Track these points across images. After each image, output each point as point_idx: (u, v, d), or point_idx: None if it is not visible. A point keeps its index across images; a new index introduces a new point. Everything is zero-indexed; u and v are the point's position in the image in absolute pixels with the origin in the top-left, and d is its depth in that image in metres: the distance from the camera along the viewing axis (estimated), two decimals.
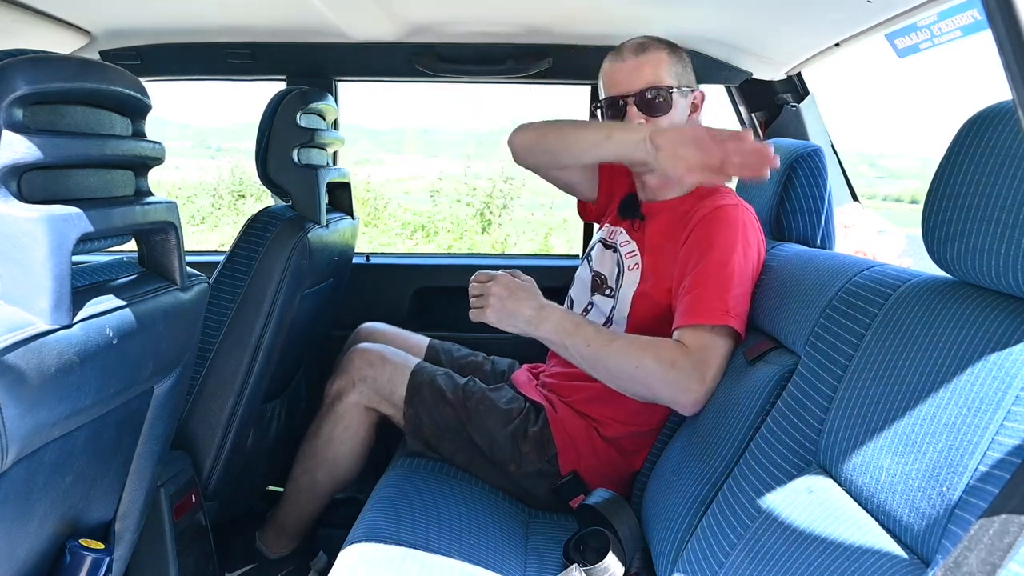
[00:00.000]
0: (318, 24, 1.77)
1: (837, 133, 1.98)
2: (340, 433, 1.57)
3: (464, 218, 8.37)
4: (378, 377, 1.55)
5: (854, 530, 0.81)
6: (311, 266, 1.58)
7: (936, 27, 1.29)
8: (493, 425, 1.49)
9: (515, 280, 1.41)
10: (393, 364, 1.56)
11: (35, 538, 0.86)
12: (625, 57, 1.44)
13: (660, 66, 1.43)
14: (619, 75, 1.44)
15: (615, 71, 1.45)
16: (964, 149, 0.81)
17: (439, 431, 1.52)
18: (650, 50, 1.44)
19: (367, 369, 1.55)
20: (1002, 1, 0.47)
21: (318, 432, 1.59)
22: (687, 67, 1.48)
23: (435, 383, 1.53)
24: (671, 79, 1.43)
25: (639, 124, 1.39)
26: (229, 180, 9.13)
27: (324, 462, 1.58)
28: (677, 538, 1.14)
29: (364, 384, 1.55)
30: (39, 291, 0.75)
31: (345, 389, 1.56)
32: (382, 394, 1.55)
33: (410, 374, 1.54)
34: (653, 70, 1.42)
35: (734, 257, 1.32)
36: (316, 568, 1.67)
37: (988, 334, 0.75)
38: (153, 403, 1.04)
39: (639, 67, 1.42)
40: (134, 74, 0.93)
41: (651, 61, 1.43)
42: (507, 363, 1.80)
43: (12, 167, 0.74)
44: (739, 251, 1.33)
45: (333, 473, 1.59)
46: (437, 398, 1.52)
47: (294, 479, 1.62)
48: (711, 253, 1.33)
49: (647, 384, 1.28)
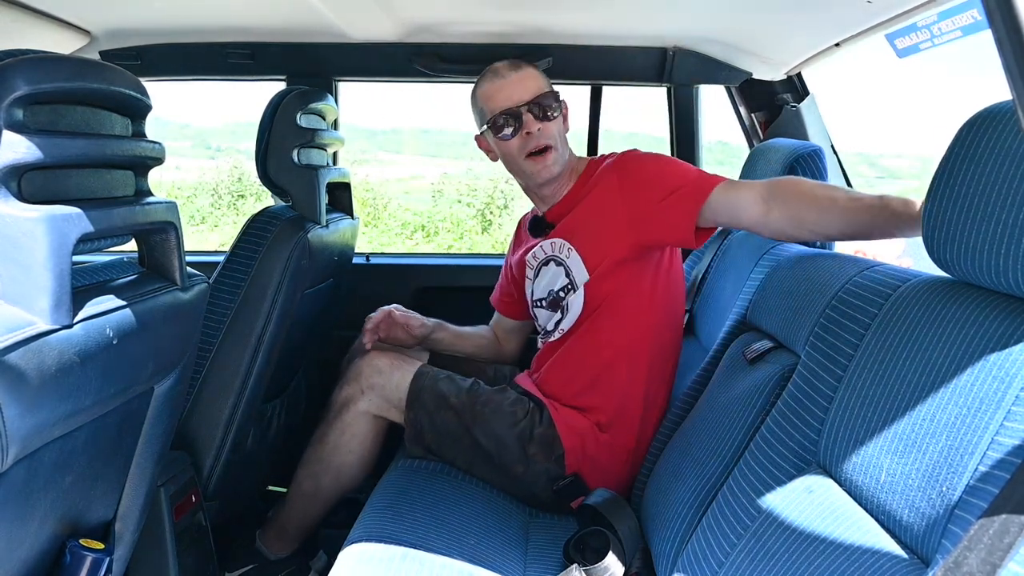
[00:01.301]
0: (318, 24, 1.77)
1: (837, 133, 1.98)
2: (347, 441, 1.57)
3: (464, 218, 8.37)
4: (386, 384, 1.55)
5: (854, 530, 0.81)
6: (311, 266, 1.58)
7: (936, 27, 1.29)
8: (500, 428, 1.48)
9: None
10: (401, 371, 1.56)
11: (35, 538, 0.86)
12: (505, 74, 1.53)
13: (539, 78, 1.54)
14: (506, 90, 1.52)
15: (498, 88, 1.53)
16: (964, 149, 0.81)
17: (440, 436, 1.51)
18: (524, 67, 1.55)
19: (376, 377, 1.55)
20: (1002, 1, 0.47)
21: (324, 439, 1.58)
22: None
23: (437, 388, 1.53)
24: (550, 89, 1.54)
25: None
26: (229, 180, 9.13)
27: (330, 469, 1.58)
28: (677, 538, 1.14)
29: (373, 392, 1.55)
30: (39, 291, 0.75)
31: (354, 397, 1.56)
32: (391, 401, 1.55)
33: (411, 379, 1.54)
34: (535, 81, 1.53)
35: (670, 159, 1.50)
36: (316, 568, 1.66)
37: (988, 334, 0.75)
38: (153, 403, 1.04)
39: (523, 80, 1.52)
40: (134, 74, 0.93)
41: (531, 75, 1.54)
42: (508, 368, 1.80)
43: (12, 167, 0.73)
44: (665, 157, 1.50)
45: (338, 479, 1.59)
46: (439, 403, 1.51)
47: (298, 483, 1.62)
48: (652, 168, 1.46)
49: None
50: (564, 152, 1.54)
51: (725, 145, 5.17)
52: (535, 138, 1.50)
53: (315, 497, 1.61)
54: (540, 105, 1.50)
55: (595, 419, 1.49)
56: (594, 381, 1.50)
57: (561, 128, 1.54)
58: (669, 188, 1.40)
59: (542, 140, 1.51)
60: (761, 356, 1.21)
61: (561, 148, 1.53)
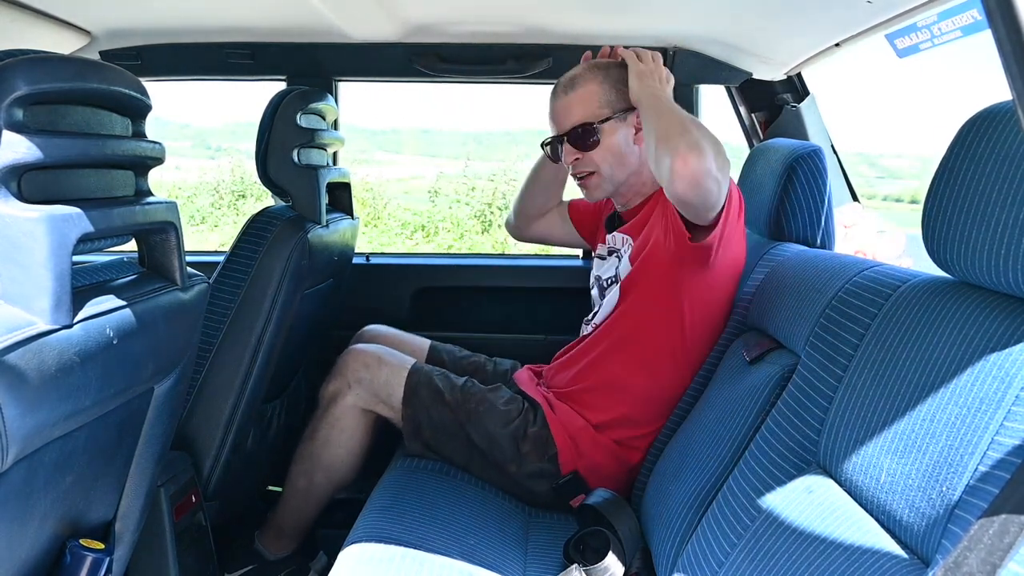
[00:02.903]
0: (318, 24, 1.77)
1: (837, 133, 1.98)
2: (337, 436, 1.57)
3: (464, 218, 8.36)
4: (374, 379, 1.54)
5: (854, 530, 0.81)
6: (311, 266, 1.58)
7: (936, 27, 1.29)
8: (492, 426, 1.49)
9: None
10: (390, 366, 1.56)
11: (35, 538, 0.86)
12: (559, 95, 1.53)
13: (589, 101, 1.49)
14: (555, 115, 1.54)
15: (553, 111, 1.55)
16: (964, 149, 0.81)
17: (437, 432, 1.52)
18: (578, 86, 1.50)
19: (363, 371, 1.55)
20: (1002, 1, 0.47)
21: (314, 435, 1.58)
22: (623, 91, 1.48)
23: (432, 383, 1.53)
24: (603, 109, 1.49)
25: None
26: (230, 180, 9.13)
27: (321, 465, 1.58)
28: (677, 538, 1.14)
29: (360, 386, 1.55)
30: (39, 291, 0.75)
31: (340, 391, 1.56)
32: (379, 396, 1.55)
33: (407, 375, 1.54)
34: (581, 108, 1.49)
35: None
36: (316, 568, 1.66)
37: (988, 334, 0.75)
38: (153, 403, 1.04)
39: (568, 107, 1.51)
40: (134, 74, 0.93)
41: (579, 98, 1.50)
42: (509, 364, 1.80)
43: (12, 167, 0.73)
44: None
45: (330, 475, 1.59)
46: (435, 399, 1.52)
47: (291, 481, 1.62)
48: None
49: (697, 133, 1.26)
50: (617, 175, 1.52)
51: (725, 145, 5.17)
52: (573, 166, 1.53)
53: (309, 494, 1.60)
54: (577, 135, 1.49)
55: (595, 420, 1.49)
56: (606, 386, 1.49)
57: (612, 152, 1.50)
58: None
59: (580, 168, 1.53)
60: (761, 356, 1.21)
61: (610, 172, 1.51)
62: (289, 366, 1.76)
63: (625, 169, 1.52)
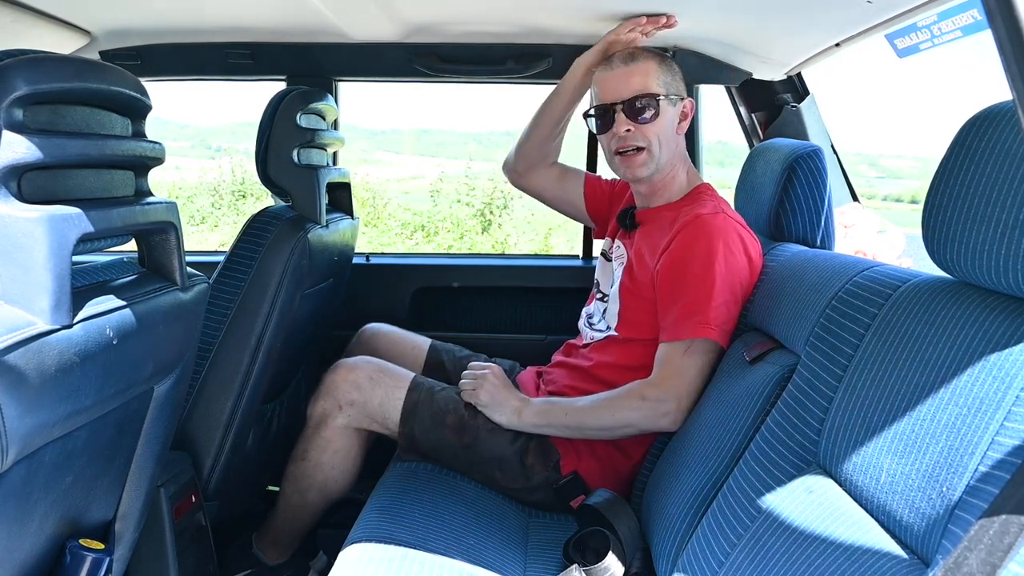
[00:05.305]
0: (318, 24, 1.76)
1: (837, 133, 1.98)
2: (329, 458, 1.52)
3: (464, 218, 8.36)
4: (368, 402, 1.49)
5: (854, 530, 0.81)
6: (311, 266, 1.58)
7: (936, 27, 1.29)
8: (499, 448, 1.47)
9: (505, 376, 1.53)
10: (384, 386, 1.50)
11: (35, 538, 0.86)
12: (615, 66, 1.49)
13: (649, 75, 1.47)
14: (610, 83, 1.49)
15: (606, 79, 1.50)
16: (964, 149, 0.81)
17: (436, 450, 1.50)
18: (639, 59, 1.48)
19: (355, 393, 1.49)
20: (1002, 1, 0.47)
21: (306, 456, 1.53)
22: (676, 76, 1.51)
23: (434, 403, 1.49)
24: (659, 87, 1.47)
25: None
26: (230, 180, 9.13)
27: (314, 485, 1.54)
28: (677, 538, 1.14)
29: (352, 408, 1.49)
30: (39, 291, 0.75)
31: (330, 413, 1.50)
32: (373, 417, 1.50)
33: (406, 392, 1.50)
34: (642, 78, 1.47)
35: (715, 266, 1.35)
36: (316, 568, 1.66)
37: (988, 334, 0.75)
38: (153, 403, 1.04)
39: (628, 75, 1.47)
40: (134, 74, 0.92)
41: (640, 70, 1.47)
42: (509, 364, 1.80)
43: (12, 167, 0.73)
44: (720, 259, 1.36)
45: (324, 493, 1.55)
46: (435, 420, 1.48)
47: (285, 497, 1.58)
48: (692, 264, 1.37)
49: (628, 423, 1.39)
50: (662, 156, 1.48)
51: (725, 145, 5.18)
52: (623, 138, 1.46)
53: (303, 509, 1.58)
54: (635, 106, 1.45)
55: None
56: (606, 386, 1.48)
57: (663, 131, 1.46)
58: (677, 294, 1.38)
59: (631, 141, 1.46)
60: (761, 356, 1.21)
61: (658, 152, 1.46)
62: (289, 366, 1.76)
63: (667, 153, 1.49)
